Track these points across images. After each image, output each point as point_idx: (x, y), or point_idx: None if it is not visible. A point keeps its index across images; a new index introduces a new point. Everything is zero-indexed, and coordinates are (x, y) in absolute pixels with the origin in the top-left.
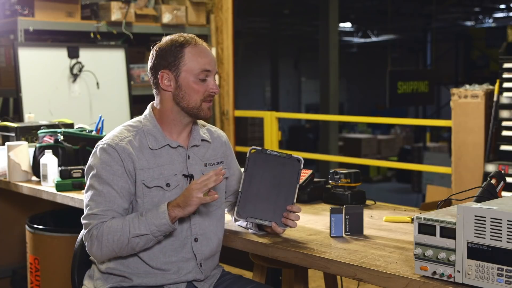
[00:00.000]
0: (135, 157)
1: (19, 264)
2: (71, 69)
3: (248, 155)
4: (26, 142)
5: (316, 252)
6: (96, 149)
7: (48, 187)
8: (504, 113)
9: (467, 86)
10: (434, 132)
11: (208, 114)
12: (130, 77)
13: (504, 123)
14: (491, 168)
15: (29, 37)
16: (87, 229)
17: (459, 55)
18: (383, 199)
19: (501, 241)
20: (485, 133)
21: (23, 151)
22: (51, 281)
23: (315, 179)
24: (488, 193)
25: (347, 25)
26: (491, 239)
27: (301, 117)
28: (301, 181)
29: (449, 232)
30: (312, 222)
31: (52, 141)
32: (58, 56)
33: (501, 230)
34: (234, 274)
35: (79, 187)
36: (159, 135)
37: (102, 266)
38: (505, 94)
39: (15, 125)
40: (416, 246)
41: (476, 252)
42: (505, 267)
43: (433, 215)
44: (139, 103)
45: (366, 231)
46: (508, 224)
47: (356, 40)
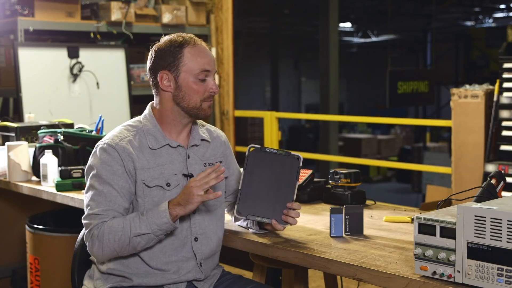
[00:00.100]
0: (135, 156)
1: (19, 264)
2: (71, 69)
3: (247, 153)
4: (26, 142)
5: (316, 252)
6: (96, 149)
7: (48, 187)
8: (504, 113)
9: (467, 86)
10: (434, 132)
11: (208, 113)
12: (130, 77)
13: (504, 123)
14: (491, 168)
15: (29, 37)
16: (87, 229)
17: (459, 55)
18: (383, 199)
19: (501, 241)
20: (485, 133)
21: (23, 151)
22: (51, 281)
23: (315, 179)
24: (488, 193)
25: (347, 25)
26: (491, 239)
27: (301, 117)
28: (301, 181)
29: (449, 232)
30: (312, 222)
31: (52, 141)
32: (58, 56)
33: (501, 230)
34: (234, 274)
35: (79, 187)
36: (159, 134)
37: (102, 266)
38: (505, 94)
39: (15, 125)
40: (416, 246)
41: (476, 252)
42: (505, 267)
43: (433, 215)
44: (139, 103)
45: (366, 231)
46: (508, 224)
47: (356, 40)
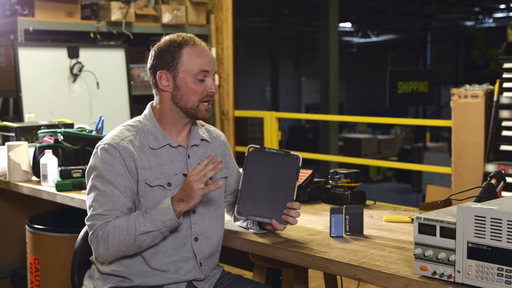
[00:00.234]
0: (137, 156)
1: (19, 264)
2: (71, 69)
3: (246, 154)
4: (26, 142)
5: (316, 252)
6: (97, 149)
7: (48, 187)
8: (504, 113)
9: (467, 86)
10: (434, 132)
11: (206, 115)
12: (130, 77)
13: (504, 123)
14: (491, 168)
15: (29, 37)
16: (92, 230)
17: (459, 55)
18: (383, 199)
19: (501, 241)
20: (485, 133)
21: (23, 151)
22: (51, 281)
23: (315, 179)
24: (488, 193)
25: (347, 25)
26: (491, 239)
27: (301, 117)
28: (301, 181)
29: (449, 232)
30: (312, 222)
31: (52, 141)
32: (58, 56)
33: (501, 230)
34: (234, 274)
35: (79, 187)
36: (159, 134)
37: (102, 267)
38: (505, 94)
39: (15, 125)
40: (416, 246)
41: (476, 252)
42: (505, 267)
43: (433, 215)
44: (139, 103)
45: (366, 231)
46: (508, 224)
47: (356, 40)
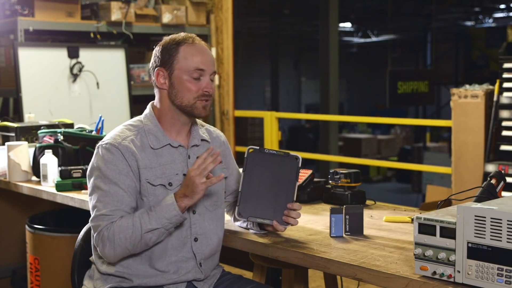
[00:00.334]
0: (138, 156)
1: (19, 264)
2: (71, 69)
3: (246, 155)
4: (26, 142)
5: (316, 252)
6: (98, 149)
7: (48, 187)
8: (504, 113)
9: (467, 86)
10: (434, 132)
11: (202, 113)
12: (130, 77)
13: (504, 123)
14: (491, 168)
15: (29, 37)
16: (97, 231)
17: (459, 55)
18: (383, 199)
19: (501, 241)
20: (485, 133)
21: (23, 151)
22: (51, 281)
23: (315, 179)
24: (488, 193)
25: (347, 25)
26: (491, 239)
27: (301, 117)
28: (301, 181)
29: (449, 232)
30: (312, 222)
31: (52, 141)
32: (58, 56)
33: (501, 230)
34: (234, 274)
35: (79, 187)
36: (160, 134)
37: (102, 267)
38: (505, 94)
39: (15, 125)
40: (416, 246)
41: (476, 252)
42: (505, 267)
43: (433, 215)
44: (139, 103)
45: (366, 231)
46: (508, 224)
47: (356, 40)
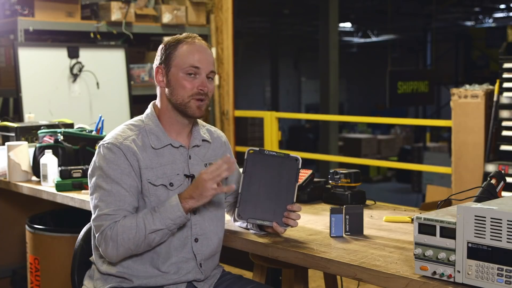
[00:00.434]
0: (140, 156)
1: (19, 264)
2: (71, 69)
3: (246, 156)
4: (26, 142)
5: (316, 252)
6: (100, 148)
7: (48, 187)
8: (504, 113)
9: (467, 86)
10: (434, 132)
11: (197, 113)
12: (130, 77)
13: (504, 123)
14: (491, 168)
15: (29, 37)
16: (99, 231)
17: (459, 55)
18: (383, 199)
19: (501, 241)
20: (485, 133)
21: (23, 151)
22: (51, 281)
23: (315, 179)
24: (488, 193)
25: (347, 25)
26: (491, 239)
27: (301, 117)
28: (301, 181)
29: (449, 232)
30: (312, 222)
31: (52, 141)
32: (58, 56)
33: (501, 230)
34: (234, 274)
35: (79, 187)
36: (161, 134)
37: (102, 267)
38: (505, 94)
39: (15, 125)
40: (416, 246)
41: (476, 252)
42: (505, 267)
43: (433, 215)
44: (139, 103)
45: (366, 231)
46: (508, 224)
47: (356, 40)
